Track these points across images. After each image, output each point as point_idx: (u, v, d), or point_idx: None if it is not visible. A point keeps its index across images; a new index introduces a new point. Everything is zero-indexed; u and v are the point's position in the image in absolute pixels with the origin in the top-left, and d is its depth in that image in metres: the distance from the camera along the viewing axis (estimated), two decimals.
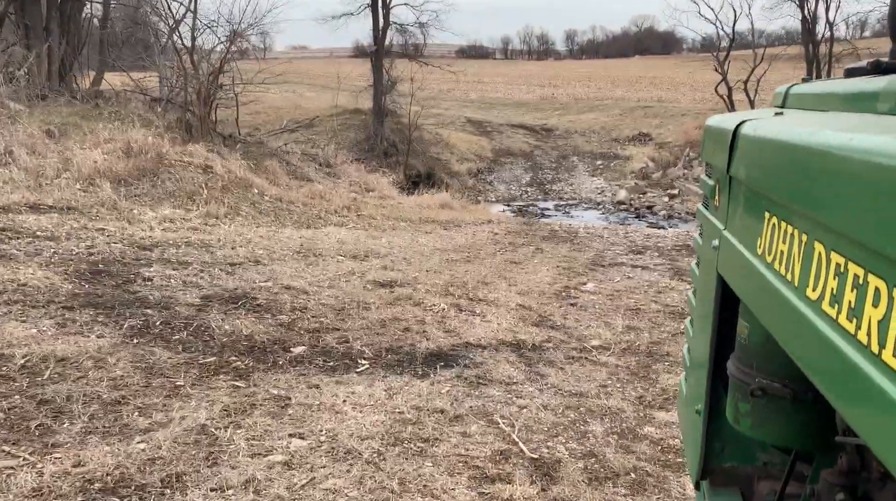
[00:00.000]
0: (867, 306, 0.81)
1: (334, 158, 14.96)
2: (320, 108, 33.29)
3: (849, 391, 0.86)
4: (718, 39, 35.39)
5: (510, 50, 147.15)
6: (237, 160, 11.53)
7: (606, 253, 10.41)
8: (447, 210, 14.75)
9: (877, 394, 0.76)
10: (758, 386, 1.46)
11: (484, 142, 32.78)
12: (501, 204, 26.89)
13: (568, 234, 12.82)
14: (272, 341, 5.16)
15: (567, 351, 5.55)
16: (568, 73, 74.96)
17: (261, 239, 8.72)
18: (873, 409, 0.78)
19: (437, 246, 10.02)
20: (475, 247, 10.31)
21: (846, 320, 0.87)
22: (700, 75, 68.79)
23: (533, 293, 7.26)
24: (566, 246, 11.03)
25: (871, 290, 0.80)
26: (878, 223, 0.77)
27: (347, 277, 7.14)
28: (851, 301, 0.86)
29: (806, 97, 1.63)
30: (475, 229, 12.32)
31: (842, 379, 0.87)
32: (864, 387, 0.79)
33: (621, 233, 13.64)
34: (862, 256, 0.83)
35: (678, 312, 6.86)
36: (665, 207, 26.57)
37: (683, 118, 39.18)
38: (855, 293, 0.85)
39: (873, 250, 0.79)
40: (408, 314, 6.03)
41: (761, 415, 1.48)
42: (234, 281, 6.60)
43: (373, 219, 11.41)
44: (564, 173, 30.78)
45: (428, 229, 11.54)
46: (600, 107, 43.80)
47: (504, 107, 47.35)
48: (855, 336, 0.84)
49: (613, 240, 12.29)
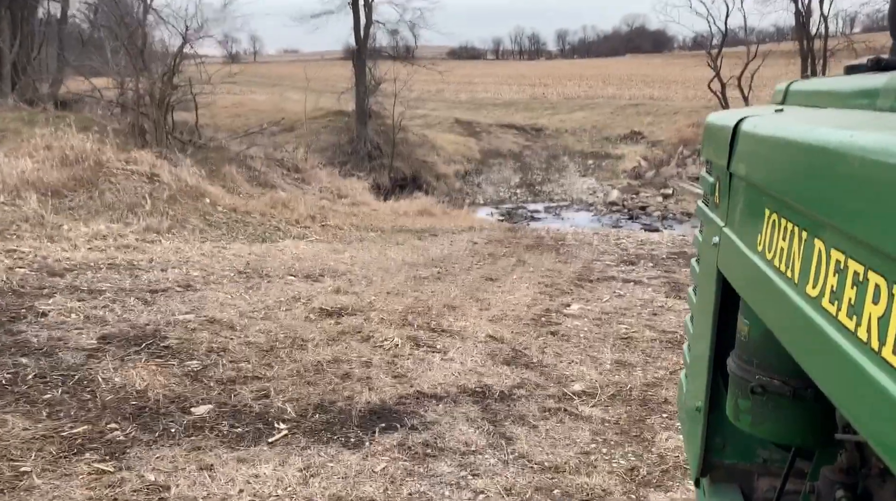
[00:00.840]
0: (867, 303, 0.80)
1: (304, 162, 13.86)
2: (303, 111, 32.21)
3: (849, 388, 0.85)
4: (711, 35, 34.41)
5: (501, 51, 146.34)
6: (189, 167, 10.44)
7: (595, 265, 9.35)
8: (426, 216, 13.69)
9: (877, 391, 0.75)
10: (758, 384, 1.44)
11: (472, 143, 31.70)
12: (489, 206, 25.85)
13: (554, 242, 11.76)
14: (170, 398, 4.08)
15: (543, 399, 4.48)
16: (559, 72, 73.99)
17: (202, 257, 7.64)
18: (873, 406, 0.77)
19: (407, 259, 8.94)
20: (450, 259, 9.24)
21: (846, 317, 0.86)
22: (692, 72, 67.89)
23: (508, 319, 6.19)
24: (551, 256, 9.97)
25: (871, 287, 0.80)
26: (879, 220, 0.77)
27: (290, 304, 6.07)
28: (851, 298, 0.85)
29: (806, 94, 1.60)
30: (453, 238, 11.25)
31: (842, 376, 0.87)
32: (864, 384, 0.79)
33: (612, 239, 12.58)
34: (862, 253, 0.83)
35: (676, 340, 5.80)
36: (659, 207, 25.55)
37: (676, 116, 38.19)
38: (855, 290, 0.84)
39: (873, 247, 0.78)
40: (352, 353, 4.96)
41: (761, 412, 1.46)
42: (150, 313, 5.52)
43: (339, 230, 10.34)
44: (555, 173, 29.72)
45: (400, 239, 10.47)
46: (591, 105, 42.76)
47: (494, 107, 46.27)
48: (855, 333, 0.83)
49: (604, 247, 11.24)
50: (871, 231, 0.79)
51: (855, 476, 1.28)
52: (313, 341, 5.12)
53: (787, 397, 1.42)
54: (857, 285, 0.84)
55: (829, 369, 0.92)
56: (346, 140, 27.40)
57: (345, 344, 5.12)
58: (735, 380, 1.54)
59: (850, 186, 0.85)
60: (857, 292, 0.84)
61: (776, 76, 37.67)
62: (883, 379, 0.75)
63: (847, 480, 1.28)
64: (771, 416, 1.46)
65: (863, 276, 0.82)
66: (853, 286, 0.85)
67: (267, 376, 4.48)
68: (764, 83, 37.07)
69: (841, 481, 1.29)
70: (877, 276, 0.79)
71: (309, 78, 35.84)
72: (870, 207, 0.79)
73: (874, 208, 0.78)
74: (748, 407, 1.49)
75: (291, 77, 62.97)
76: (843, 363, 0.85)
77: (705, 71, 35.16)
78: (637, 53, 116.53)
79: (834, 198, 0.90)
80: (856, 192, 0.83)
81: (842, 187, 0.87)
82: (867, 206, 0.80)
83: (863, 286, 0.82)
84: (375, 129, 28.01)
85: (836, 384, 0.90)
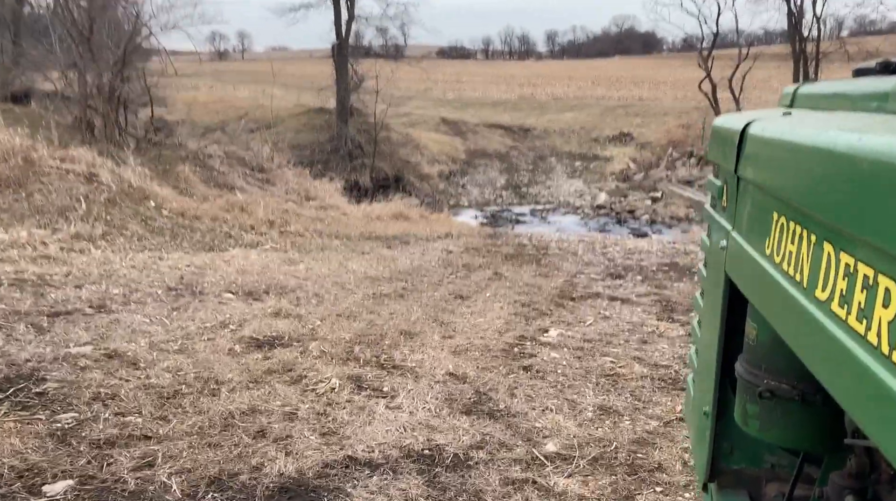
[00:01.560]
0: (877, 307, 0.80)
1: (270, 162, 12.88)
2: (284, 107, 31.22)
3: (858, 392, 0.85)
4: (702, 36, 33.60)
5: (491, 51, 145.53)
6: (136, 166, 9.44)
7: (579, 279, 8.44)
8: (401, 221, 12.74)
9: (887, 396, 0.75)
10: (766, 388, 1.42)
11: (457, 143, 30.77)
12: (474, 209, 24.94)
13: (536, 251, 10.84)
14: (19, 471, 3.12)
15: (507, 466, 3.55)
16: (548, 72, 73.23)
17: (131, 269, 6.67)
18: (883, 411, 0.76)
19: (371, 272, 8.00)
20: (418, 272, 8.31)
21: (856, 321, 0.86)
22: (681, 74, 67.28)
23: (474, 349, 5.25)
24: (531, 268, 9.05)
25: (881, 291, 0.79)
26: (888, 223, 0.76)
27: (215, 332, 5.11)
28: (861, 302, 0.85)
29: (814, 97, 1.58)
30: (427, 246, 10.32)
31: (851, 380, 0.86)
32: (873, 389, 0.78)
33: (598, 247, 11.69)
34: (871, 257, 0.82)
35: (670, 379, 4.89)
36: (647, 211, 24.73)
37: (665, 117, 37.44)
38: (865, 294, 0.84)
39: (883, 251, 0.78)
40: (274, 400, 4.01)
41: (769, 417, 1.44)
42: (38, 345, 4.55)
43: (299, 237, 9.38)
44: (542, 175, 28.83)
45: (367, 248, 9.53)
46: (580, 106, 41.94)
47: (482, 106, 45.37)
48: (865, 337, 0.83)
49: (589, 257, 10.34)
50: (881, 234, 0.77)
51: (864, 481, 1.24)
52: (230, 383, 4.17)
53: (795, 401, 1.39)
54: (867, 289, 0.82)
55: (839, 373, 0.90)
56: (327, 138, 26.41)
57: (268, 387, 4.17)
58: (743, 385, 1.51)
59: (859, 190, 0.83)
60: (867, 296, 0.82)
61: (767, 78, 36.97)
62: (893, 384, 0.73)
63: (856, 485, 1.24)
64: (779, 421, 1.43)
65: (872, 280, 0.81)
66: (863, 290, 0.84)
67: (158, 435, 3.52)
68: (754, 85, 36.36)
69: (850, 486, 1.25)
70: (887, 280, 0.78)
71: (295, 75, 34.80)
72: (879, 210, 0.77)
73: (884, 211, 0.76)
74: (756, 411, 1.47)
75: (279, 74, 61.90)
76: (853, 367, 0.83)
77: (695, 72, 34.41)
78: (627, 55, 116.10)
79: (843, 201, 0.89)
80: (865, 196, 0.81)
81: (851, 190, 0.86)
82: (877, 210, 0.78)
83: (872, 289, 0.81)
84: (357, 128, 27.03)
85: (845, 388, 0.89)
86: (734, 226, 1.56)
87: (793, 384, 1.39)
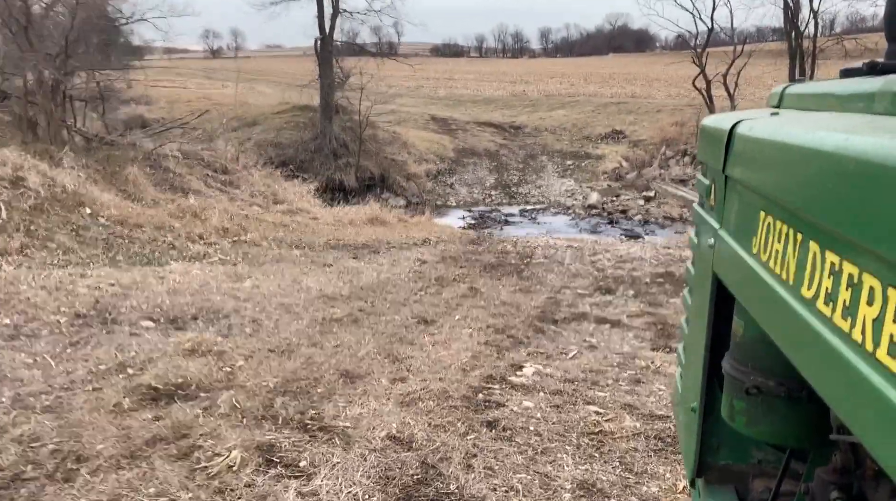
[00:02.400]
0: (862, 305, 0.80)
1: (234, 162, 11.82)
2: (269, 105, 30.13)
3: (843, 389, 0.85)
4: (697, 31, 32.56)
5: (485, 48, 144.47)
6: (75, 169, 8.40)
7: (564, 295, 7.45)
8: (375, 226, 11.74)
9: (871, 393, 0.75)
10: (753, 385, 1.43)
11: (446, 141, 29.71)
12: (462, 209, 23.91)
13: (520, 260, 9.86)
14: None
15: None
16: (541, 69, 72.23)
17: (40, 291, 5.65)
18: (868, 407, 0.77)
19: (327, 289, 6.99)
20: (383, 288, 7.30)
21: (841, 319, 0.86)
22: (674, 71, 66.28)
23: (429, 398, 4.25)
24: (512, 281, 8.06)
25: (866, 289, 0.80)
26: (873, 223, 0.77)
27: (107, 378, 4.10)
28: (846, 300, 0.85)
29: (802, 97, 1.60)
30: (399, 256, 9.32)
31: (836, 377, 0.87)
32: (858, 386, 0.79)
33: (587, 254, 10.70)
34: (857, 256, 0.83)
35: (670, 436, 3.90)
36: (640, 211, 23.73)
37: (659, 114, 36.43)
38: (850, 292, 0.84)
39: (868, 249, 0.78)
40: (148, 486, 3.00)
41: (756, 413, 1.45)
42: None
43: (255, 247, 8.36)
44: (532, 174, 27.80)
45: (331, 259, 8.52)
46: (572, 103, 40.90)
47: (473, 104, 44.30)
48: (850, 334, 0.83)
49: (577, 267, 9.36)
50: (866, 233, 0.78)
51: (849, 476, 1.26)
52: (95, 460, 3.15)
53: (781, 398, 1.39)
54: (852, 287, 0.84)
55: (824, 370, 0.92)
56: (311, 137, 25.33)
57: (146, 465, 3.15)
58: (730, 381, 1.51)
59: (845, 189, 0.85)
60: (852, 294, 0.84)
61: (762, 75, 36.01)
62: (877, 381, 0.75)
63: (841, 481, 1.26)
64: (766, 417, 1.43)
65: (857, 278, 0.82)
66: (848, 288, 0.85)
67: None
68: (748, 82, 35.39)
69: (835, 482, 1.26)
70: (871, 278, 0.79)
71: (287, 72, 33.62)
72: (865, 210, 0.79)
73: (869, 211, 0.78)
74: (743, 407, 1.46)
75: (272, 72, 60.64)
76: (838, 364, 0.85)
77: (688, 70, 33.41)
78: (620, 52, 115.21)
79: (829, 200, 0.90)
80: (851, 195, 0.83)
81: (837, 190, 0.87)
82: (862, 209, 0.80)
83: (857, 288, 0.82)
84: (342, 126, 25.96)
85: (830, 385, 0.91)
86: (722, 224, 1.57)
87: (779, 380, 1.38)
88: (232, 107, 29.75)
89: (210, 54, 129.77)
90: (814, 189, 0.95)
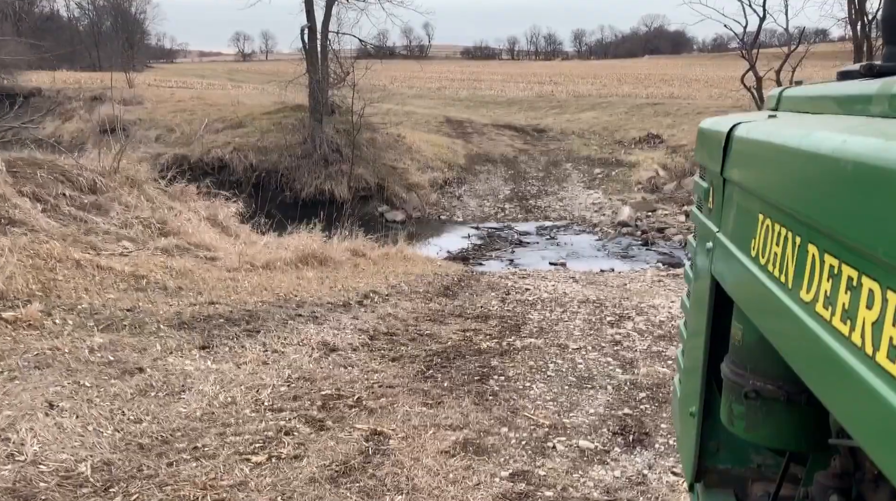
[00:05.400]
0: (861, 308, 0.79)
1: (112, 176, 8.24)
2: (262, 105, 26.77)
3: (843, 393, 0.84)
4: (746, 20, 28.26)
5: (517, 50, 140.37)
6: None
7: (549, 457, 3.69)
8: (309, 268, 8.10)
9: (870, 396, 0.74)
10: (752, 388, 1.41)
11: (458, 146, 25.96)
12: (468, 226, 20.15)
13: (499, 337, 6.10)
14: None
15: None
16: (571, 71, 68.11)
17: None
18: (867, 411, 0.76)
19: (62, 454, 3.33)
20: (190, 443, 3.62)
21: (840, 322, 0.85)
22: (714, 72, 61.65)
23: None
24: (463, 406, 4.32)
25: (865, 292, 0.79)
26: (872, 225, 0.75)
27: None
28: (845, 303, 0.84)
29: (799, 100, 1.59)
30: (295, 336, 5.62)
31: (836, 380, 0.85)
32: (858, 389, 0.77)
33: (609, 317, 6.91)
34: (855, 258, 0.82)
35: None
36: (681, 229, 19.64)
37: (700, 116, 32.12)
38: (849, 295, 0.83)
39: (867, 252, 0.77)
40: None
41: (755, 417, 1.43)
42: None
43: (24, 331, 4.77)
44: (554, 184, 23.90)
45: (154, 354, 4.85)
46: (603, 104, 36.82)
47: (495, 104, 40.50)
48: (849, 338, 0.82)
49: (589, 360, 5.58)
50: (865, 236, 0.77)
51: (849, 481, 1.25)
52: None
53: (780, 402, 1.38)
54: (851, 290, 0.82)
55: (823, 374, 0.90)
56: (298, 140, 21.84)
57: None
58: (729, 385, 1.50)
59: (843, 191, 0.84)
60: (851, 297, 0.82)
61: (816, 74, 31.61)
62: (877, 384, 0.73)
63: (841, 485, 1.25)
64: (765, 421, 1.41)
65: (856, 281, 0.81)
66: (847, 291, 0.84)
67: None
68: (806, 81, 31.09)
69: (835, 486, 1.25)
70: (870, 281, 0.77)
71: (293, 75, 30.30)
72: (863, 212, 0.78)
73: (867, 213, 0.76)
74: (742, 411, 1.45)
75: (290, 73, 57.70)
76: (837, 368, 0.83)
77: (729, 71, 29.41)
78: (656, 55, 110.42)
79: (827, 203, 0.89)
80: (849, 197, 0.82)
81: (835, 192, 0.86)
82: (860, 211, 0.78)
83: (856, 291, 0.81)
84: (336, 128, 22.42)
85: (829, 388, 0.89)
86: (720, 227, 1.55)
87: (778, 384, 1.37)
88: (218, 108, 26.48)
89: (241, 57, 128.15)
90: (812, 191, 0.94)
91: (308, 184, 20.83)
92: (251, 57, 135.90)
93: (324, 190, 20.81)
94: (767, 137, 1.19)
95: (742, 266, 1.28)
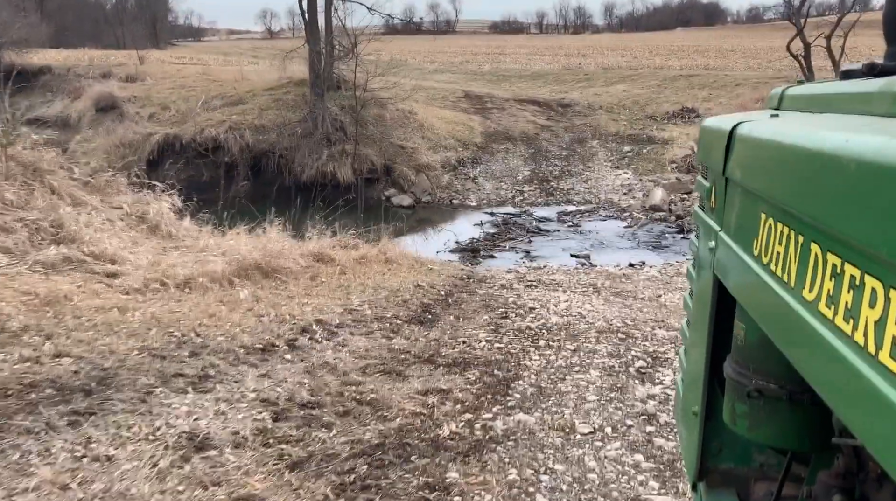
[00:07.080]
0: (864, 307, 0.78)
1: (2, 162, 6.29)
2: (266, 80, 24.77)
3: (845, 392, 0.83)
4: None
5: (545, 24, 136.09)
6: None
7: None
8: (249, 283, 6.13)
9: (874, 395, 0.73)
10: (754, 388, 1.39)
11: (475, 123, 23.72)
12: (483, 211, 18.02)
13: (486, 393, 4.05)
14: None
15: None
16: (601, 43, 64.88)
17: None
18: (870, 410, 0.75)
19: None
20: None
21: (843, 321, 0.83)
22: (751, 43, 57.99)
23: None
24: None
25: (868, 291, 0.77)
26: (875, 224, 0.74)
27: None
28: (848, 302, 0.83)
29: (801, 99, 1.56)
30: (154, 421, 3.65)
31: (838, 380, 0.84)
32: (860, 388, 0.76)
33: (639, 361, 4.81)
34: (858, 257, 0.80)
35: None
36: None
37: (738, 88, 29.44)
38: (851, 294, 0.82)
39: (870, 251, 0.76)
40: None
41: (758, 417, 1.40)
42: None
43: None
44: (578, 164, 21.59)
45: None
46: (633, 76, 34.10)
47: (519, 79, 37.97)
48: (852, 337, 0.81)
49: (611, 433, 3.50)
50: (868, 235, 0.76)
51: (852, 480, 1.23)
52: None
53: (783, 401, 1.35)
54: (854, 289, 0.81)
55: (826, 373, 0.89)
56: (298, 118, 19.83)
57: None
58: (731, 385, 1.47)
59: (845, 190, 0.82)
60: (854, 296, 0.81)
61: (871, 45, 28.53)
62: (880, 383, 0.72)
63: (844, 484, 1.23)
64: (767, 420, 1.39)
65: (859, 280, 0.80)
66: (850, 290, 0.82)
67: None
68: (858, 53, 28.01)
69: (838, 485, 1.23)
70: (873, 280, 0.76)
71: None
72: (866, 211, 0.76)
73: (870, 212, 0.75)
74: (745, 411, 1.42)
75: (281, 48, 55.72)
76: (840, 367, 0.82)
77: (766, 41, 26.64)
78: (689, 27, 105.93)
79: (830, 202, 0.88)
80: (851, 196, 0.80)
81: (837, 191, 0.85)
82: (863, 210, 0.77)
83: (859, 290, 0.80)
84: (341, 104, 20.34)
85: (832, 388, 0.88)
86: (722, 226, 1.52)
87: (781, 383, 1.35)
88: (220, 84, 24.56)
89: (268, 34, 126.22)
90: (814, 191, 0.93)
91: (308, 166, 18.86)
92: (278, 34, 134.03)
93: (325, 172, 18.83)
94: (770, 136, 1.20)
95: (744, 265, 1.28)
